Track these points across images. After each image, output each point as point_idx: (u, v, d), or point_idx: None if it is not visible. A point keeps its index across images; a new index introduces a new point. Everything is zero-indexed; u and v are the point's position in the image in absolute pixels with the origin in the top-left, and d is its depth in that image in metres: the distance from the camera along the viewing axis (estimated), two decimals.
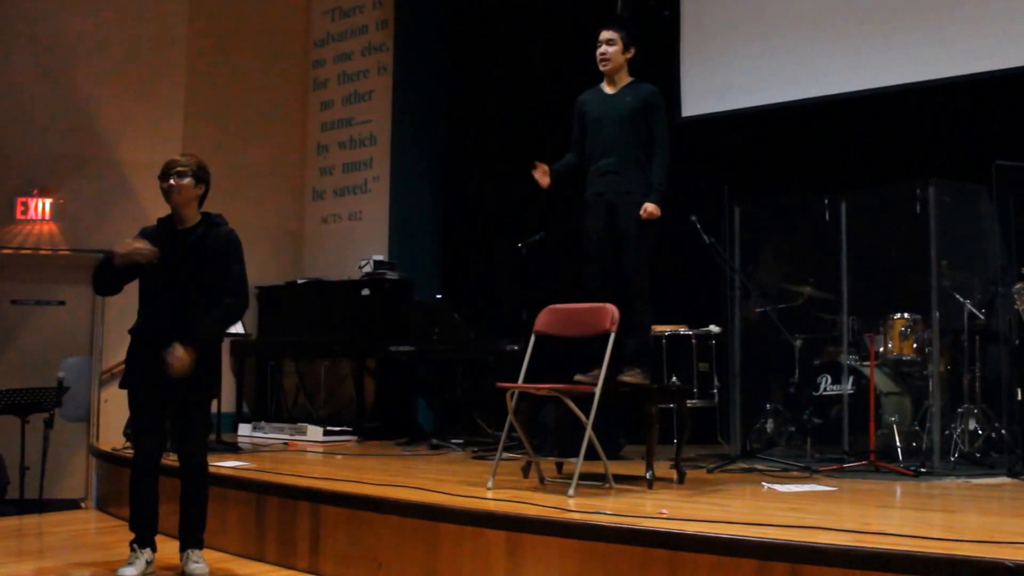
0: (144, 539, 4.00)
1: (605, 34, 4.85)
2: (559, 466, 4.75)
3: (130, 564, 3.93)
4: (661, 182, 4.72)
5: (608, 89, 4.91)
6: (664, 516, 3.40)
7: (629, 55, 4.87)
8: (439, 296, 8.11)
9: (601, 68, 4.89)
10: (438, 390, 7.81)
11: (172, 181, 4.10)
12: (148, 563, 3.98)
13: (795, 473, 4.85)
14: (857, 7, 6.58)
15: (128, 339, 4.25)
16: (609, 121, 4.81)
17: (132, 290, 8.61)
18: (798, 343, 5.82)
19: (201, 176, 4.17)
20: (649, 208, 4.66)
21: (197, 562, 3.96)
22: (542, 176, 4.90)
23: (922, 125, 6.28)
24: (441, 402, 7.77)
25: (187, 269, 4.03)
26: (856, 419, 5.38)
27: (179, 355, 3.83)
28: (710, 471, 4.96)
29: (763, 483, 4.46)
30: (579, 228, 4.93)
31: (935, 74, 6.19)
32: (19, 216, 8.45)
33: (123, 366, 8.33)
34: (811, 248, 5.83)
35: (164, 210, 4.28)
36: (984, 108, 6.05)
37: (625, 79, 4.90)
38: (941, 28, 6.23)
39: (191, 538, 4.01)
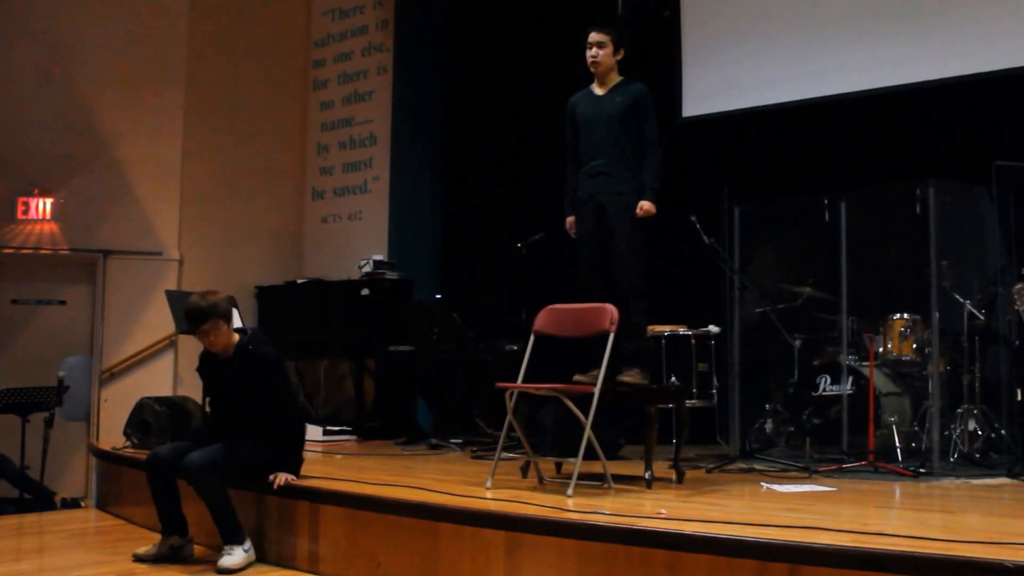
0: (166, 528, 4.29)
1: (595, 36, 4.83)
2: (558, 466, 4.75)
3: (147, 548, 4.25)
4: (654, 180, 4.72)
5: (598, 90, 4.90)
6: (663, 516, 3.40)
7: (619, 56, 4.86)
8: (438, 296, 8.10)
9: (592, 70, 4.89)
10: (437, 390, 7.82)
11: (207, 339, 4.34)
12: (173, 548, 4.29)
13: (794, 473, 4.85)
14: (858, 8, 6.58)
15: None
16: (599, 122, 4.81)
17: (132, 291, 8.59)
18: (797, 343, 5.81)
19: (221, 313, 4.32)
20: (645, 206, 4.66)
21: (229, 554, 4.11)
22: (572, 230, 4.97)
23: (922, 125, 6.28)
24: (440, 402, 7.78)
25: (233, 395, 4.38)
26: (855, 419, 5.38)
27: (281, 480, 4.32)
28: (709, 471, 4.96)
29: (762, 483, 4.45)
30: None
31: (935, 74, 6.19)
32: (20, 216, 8.47)
33: (125, 364, 8.39)
34: (811, 248, 5.83)
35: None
36: (984, 108, 6.05)
37: (615, 79, 4.89)
38: (940, 28, 6.22)
39: (221, 535, 4.17)
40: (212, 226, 8.85)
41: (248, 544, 4.20)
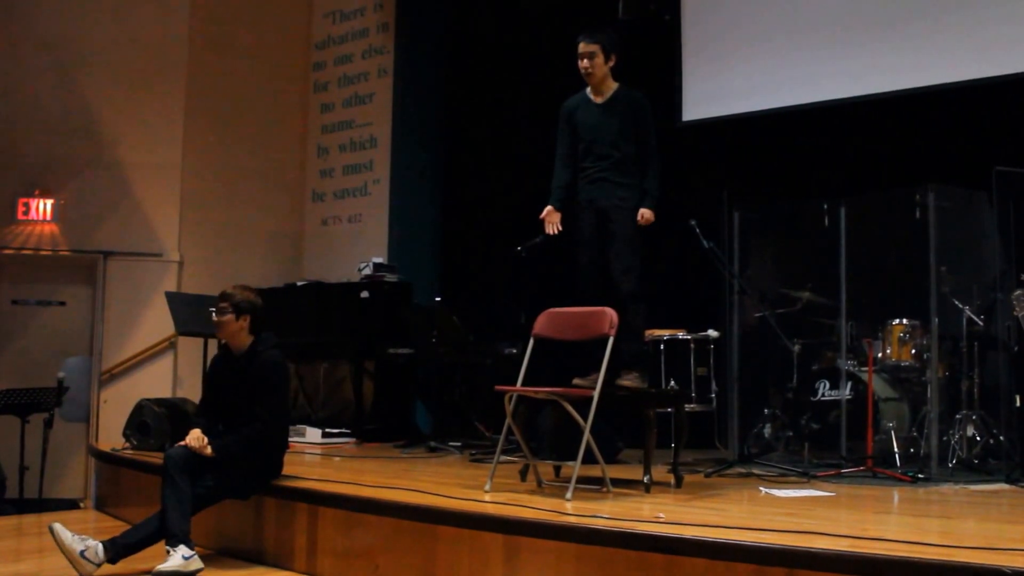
0: (169, 539, 4.01)
1: (584, 47, 4.80)
2: (557, 469, 4.75)
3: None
4: (655, 187, 4.76)
5: (595, 98, 4.90)
6: (661, 520, 3.41)
7: (611, 64, 4.85)
8: (438, 299, 8.09)
9: (585, 80, 4.89)
10: (436, 392, 7.81)
11: (215, 319, 4.40)
12: (185, 558, 3.96)
13: (793, 478, 4.85)
14: (857, 13, 6.58)
15: None
16: (599, 129, 4.82)
17: (132, 293, 8.60)
18: (796, 348, 5.81)
19: (243, 308, 4.39)
20: (646, 215, 4.71)
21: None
22: (552, 226, 4.91)
23: (922, 130, 6.28)
24: (439, 404, 7.77)
25: (236, 394, 4.37)
26: (854, 424, 5.38)
27: (195, 436, 4.17)
28: (708, 475, 4.96)
29: (760, 488, 4.46)
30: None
31: (935, 80, 6.20)
32: (20, 217, 8.49)
33: (124, 365, 8.40)
34: (810, 253, 5.83)
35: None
36: (984, 114, 6.06)
37: (611, 87, 4.89)
38: (940, 34, 6.23)
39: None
40: (212, 228, 8.86)
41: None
